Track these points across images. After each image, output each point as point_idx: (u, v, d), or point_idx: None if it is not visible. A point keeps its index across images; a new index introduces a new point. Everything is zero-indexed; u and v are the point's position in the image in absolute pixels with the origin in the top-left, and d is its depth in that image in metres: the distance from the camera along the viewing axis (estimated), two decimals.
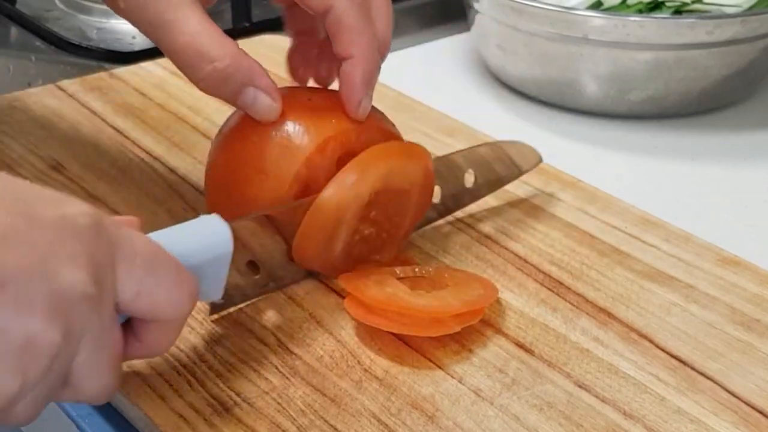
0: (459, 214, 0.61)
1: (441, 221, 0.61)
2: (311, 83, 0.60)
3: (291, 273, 0.55)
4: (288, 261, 0.54)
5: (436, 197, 0.58)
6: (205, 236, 0.46)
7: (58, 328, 0.37)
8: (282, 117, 0.53)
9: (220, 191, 0.55)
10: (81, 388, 0.40)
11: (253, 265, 0.53)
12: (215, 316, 0.53)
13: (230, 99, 0.53)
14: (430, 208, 0.58)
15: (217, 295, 0.48)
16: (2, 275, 0.36)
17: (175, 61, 0.52)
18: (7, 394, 0.37)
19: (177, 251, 0.43)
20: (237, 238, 0.48)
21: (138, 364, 0.49)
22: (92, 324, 0.39)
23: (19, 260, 0.36)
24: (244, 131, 0.54)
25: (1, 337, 0.36)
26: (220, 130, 0.56)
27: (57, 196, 0.40)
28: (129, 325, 0.43)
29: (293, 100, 0.54)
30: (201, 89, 0.52)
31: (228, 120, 0.56)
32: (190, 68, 0.51)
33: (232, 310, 0.53)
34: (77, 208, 0.40)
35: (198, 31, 0.51)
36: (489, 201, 0.63)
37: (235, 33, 0.77)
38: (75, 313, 0.38)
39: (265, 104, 0.52)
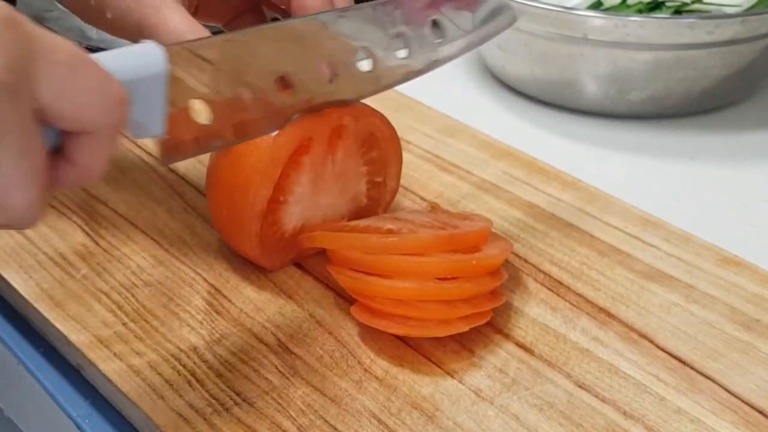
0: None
1: None
2: None
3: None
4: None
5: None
6: (136, 55, 0.43)
7: None
8: None
9: (221, 192, 0.55)
10: (4, 202, 0.38)
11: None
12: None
13: None
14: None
15: (157, 127, 0.45)
16: None
17: None
18: None
19: (106, 66, 0.40)
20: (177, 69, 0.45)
21: (138, 363, 0.49)
22: (12, 117, 0.37)
23: None
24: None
25: None
26: None
27: None
28: (59, 153, 0.40)
29: None
30: None
31: None
32: None
33: (186, 163, 0.51)
34: None
35: (182, 30, 0.51)
36: (489, 200, 0.63)
37: None
38: None
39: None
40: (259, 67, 0.50)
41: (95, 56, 0.41)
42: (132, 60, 0.43)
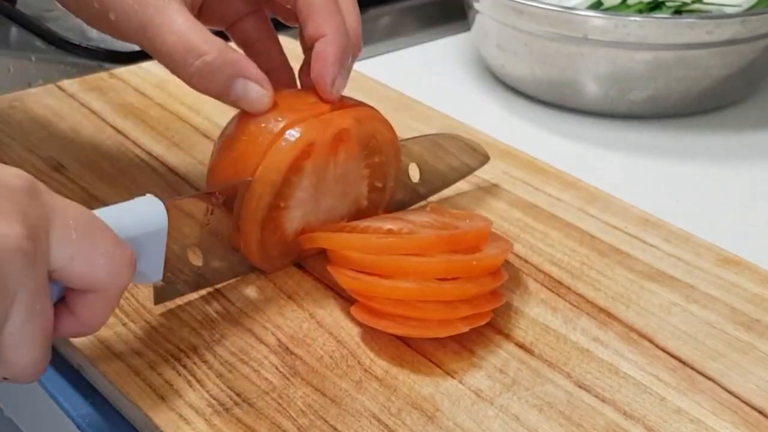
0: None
1: None
2: None
3: (233, 264, 0.55)
4: (230, 250, 0.54)
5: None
6: (139, 212, 0.47)
7: None
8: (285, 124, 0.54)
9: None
10: (10, 359, 0.40)
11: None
12: (161, 307, 0.53)
13: (222, 93, 0.53)
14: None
15: (156, 275, 0.48)
16: None
17: (166, 61, 0.52)
18: None
19: (111, 225, 0.43)
20: (174, 221, 0.48)
21: (138, 363, 0.49)
22: (26, 283, 0.39)
23: None
24: (246, 133, 0.54)
25: None
26: (222, 132, 0.56)
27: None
28: (62, 302, 0.43)
29: (297, 100, 0.55)
30: (193, 86, 0.53)
31: (230, 122, 0.56)
32: (180, 65, 0.52)
33: (178, 302, 0.53)
34: (10, 171, 0.40)
35: (185, 29, 0.51)
36: (489, 200, 0.63)
37: None
38: (8, 267, 0.38)
39: (257, 93, 0.53)
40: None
41: (99, 212, 0.44)
42: (135, 217, 0.47)
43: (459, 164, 0.63)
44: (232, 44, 0.55)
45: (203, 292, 0.55)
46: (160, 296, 0.52)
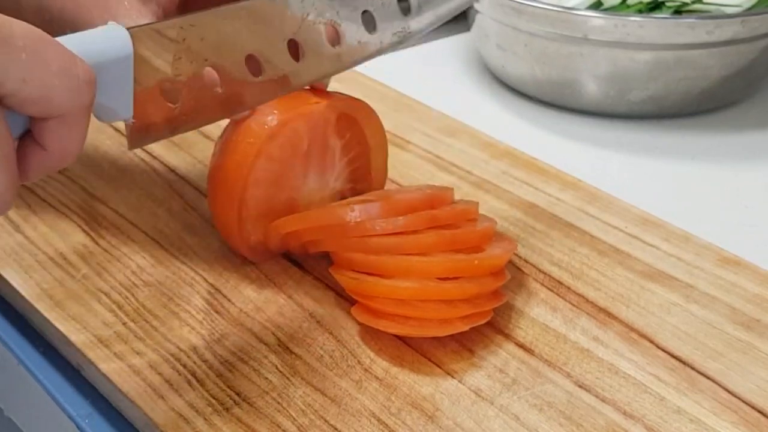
0: None
1: None
2: None
3: (212, 106, 0.51)
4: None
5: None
6: (101, 38, 0.43)
7: None
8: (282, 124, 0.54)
9: (222, 193, 0.55)
10: None
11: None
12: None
13: None
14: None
15: (126, 111, 0.45)
16: None
17: None
18: None
19: (70, 49, 0.40)
20: (141, 51, 0.45)
21: (138, 363, 0.49)
22: None
23: None
24: (245, 133, 0.54)
25: None
26: (222, 133, 0.56)
27: None
28: (28, 137, 0.40)
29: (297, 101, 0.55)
30: None
31: (230, 123, 0.56)
32: None
33: (153, 146, 0.52)
34: None
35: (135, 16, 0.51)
36: (489, 200, 0.63)
37: None
38: None
39: None
40: (225, 47, 0.49)
41: (59, 39, 0.40)
42: (97, 43, 0.42)
43: None
44: None
45: (204, 289, 0.55)
46: (134, 138, 0.47)
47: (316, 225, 0.53)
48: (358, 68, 0.79)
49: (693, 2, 0.73)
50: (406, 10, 0.55)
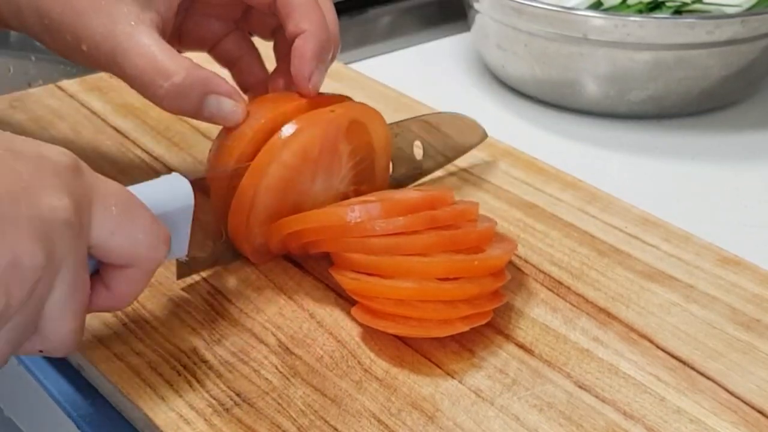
0: None
1: None
2: None
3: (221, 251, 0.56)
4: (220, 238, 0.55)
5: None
6: (168, 189, 0.49)
7: (42, 250, 0.38)
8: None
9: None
10: (49, 331, 0.41)
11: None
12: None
13: (196, 111, 0.54)
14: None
15: (182, 251, 0.50)
16: None
17: (136, 85, 0.53)
18: None
19: (144, 202, 0.45)
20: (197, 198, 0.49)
21: (138, 363, 0.49)
22: (71, 255, 0.40)
23: (5, 185, 0.38)
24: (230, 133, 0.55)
25: None
26: (219, 134, 0.56)
27: (33, 138, 0.42)
28: (96, 276, 0.44)
29: (277, 100, 0.56)
30: (165, 108, 0.54)
31: (223, 128, 0.56)
32: (149, 88, 0.53)
33: (196, 278, 0.55)
34: (56, 149, 0.42)
35: (152, 52, 0.52)
36: (489, 200, 0.63)
37: None
38: (57, 238, 0.39)
39: (229, 108, 0.54)
40: None
41: (131, 188, 0.46)
42: (164, 193, 0.48)
43: (459, 141, 0.66)
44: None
45: (204, 289, 0.55)
46: (182, 271, 0.54)
47: (317, 226, 0.53)
48: (358, 68, 0.80)
49: (693, 2, 0.73)
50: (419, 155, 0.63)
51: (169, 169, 0.66)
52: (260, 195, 0.54)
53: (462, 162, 0.67)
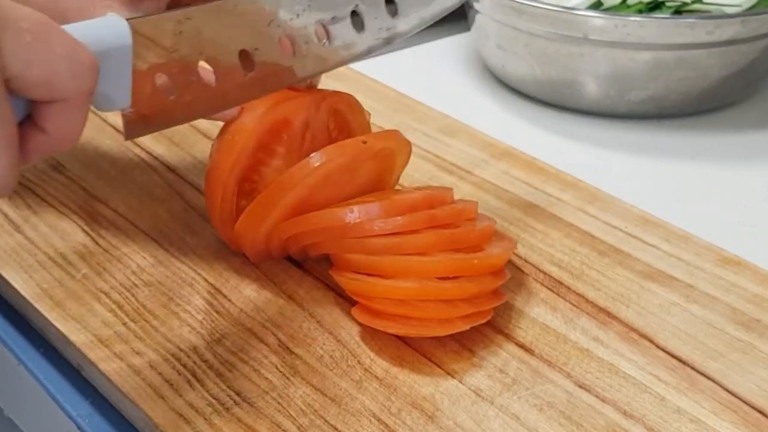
0: None
1: None
2: None
3: (206, 100, 0.52)
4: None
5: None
6: (101, 28, 0.44)
7: None
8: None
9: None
10: None
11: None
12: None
13: None
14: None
15: (124, 100, 0.45)
16: None
17: None
18: None
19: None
20: (140, 42, 0.45)
21: (138, 363, 0.49)
22: None
23: None
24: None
25: None
26: (220, 131, 0.56)
27: None
28: (29, 121, 0.40)
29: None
30: None
31: (224, 125, 0.56)
32: None
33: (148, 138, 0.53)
34: None
35: None
36: (489, 200, 0.63)
37: None
38: None
39: None
40: (220, 41, 0.49)
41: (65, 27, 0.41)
42: (98, 31, 0.43)
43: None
44: None
45: (204, 289, 0.55)
46: (131, 129, 0.48)
47: (316, 227, 0.53)
48: (359, 68, 0.79)
49: (693, 2, 0.73)
50: (393, 12, 0.56)
51: (170, 169, 0.66)
52: (278, 209, 0.54)
53: (462, 162, 0.67)
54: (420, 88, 0.77)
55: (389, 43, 0.57)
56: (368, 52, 0.56)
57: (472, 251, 0.52)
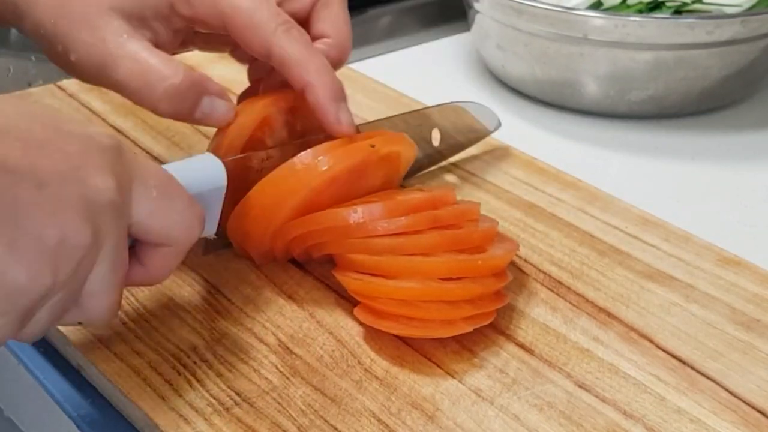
0: None
1: None
2: None
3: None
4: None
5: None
6: (203, 169, 0.50)
7: (89, 229, 0.40)
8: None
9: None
10: (89, 305, 0.42)
11: None
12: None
13: (189, 113, 0.54)
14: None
15: (212, 229, 0.51)
16: (41, 178, 0.39)
17: (129, 90, 0.54)
18: (40, 289, 0.39)
19: (180, 181, 0.46)
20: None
21: (138, 363, 0.49)
22: (114, 233, 0.41)
23: (55, 165, 0.40)
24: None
25: (39, 235, 0.38)
26: (215, 134, 0.56)
27: (80, 118, 0.43)
28: (132, 252, 0.45)
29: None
30: (160, 111, 0.54)
31: (218, 130, 0.56)
32: (146, 90, 0.53)
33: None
34: (100, 129, 0.43)
35: (147, 56, 0.53)
36: (489, 200, 0.63)
37: None
38: (102, 218, 0.40)
39: (223, 108, 0.55)
40: None
41: (166, 167, 0.47)
42: (198, 174, 0.50)
43: (475, 128, 0.68)
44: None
45: (204, 289, 0.55)
46: (209, 248, 0.57)
47: (319, 228, 0.53)
48: (358, 68, 0.80)
49: (693, 2, 0.73)
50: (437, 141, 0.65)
51: None
52: (284, 212, 0.54)
53: (462, 162, 0.67)
54: (420, 88, 0.77)
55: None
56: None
57: (475, 252, 0.52)
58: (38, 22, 0.54)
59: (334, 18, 0.57)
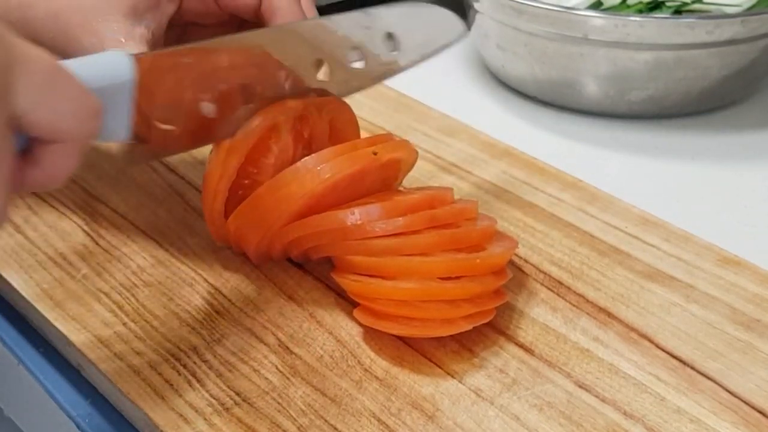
0: None
1: None
2: None
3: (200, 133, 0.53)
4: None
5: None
6: (105, 64, 0.45)
7: None
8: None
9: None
10: None
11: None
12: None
13: None
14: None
15: (123, 133, 0.47)
16: None
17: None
18: None
19: (76, 74, 0.41)
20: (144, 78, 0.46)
21: (138, 363, 0.49)
22: None
23: None
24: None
25: None
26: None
27: None
28: (25, 153, 0.41)
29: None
30: None
31: None
32: None
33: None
34: None
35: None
36: (489, 200, 0.63)
37: None
38: None
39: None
40: (221, 77, 0.51)
41: (64, 63, 0.41)
42: (101, 68, 0.45)
43: (437, 35, 0.63)
44: None
45: (204, 289, 0.55)
46: (127, 156, 0.50)
47: (317, 230, 0.53)
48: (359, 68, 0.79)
49: (693, 2, 0.73)
50: (392, 48, 0.59)
51: (170, 169, 0.66)
52: (284, 217, 0.54)
53: (462, 162, 0.67)
54: (420, 88, 0.77)
55: (391, 75, 0.60)
56: (372, 83, 0.58)
57: (474, 251, 0.52)
58: (35, 36, 0.53)
59: None
